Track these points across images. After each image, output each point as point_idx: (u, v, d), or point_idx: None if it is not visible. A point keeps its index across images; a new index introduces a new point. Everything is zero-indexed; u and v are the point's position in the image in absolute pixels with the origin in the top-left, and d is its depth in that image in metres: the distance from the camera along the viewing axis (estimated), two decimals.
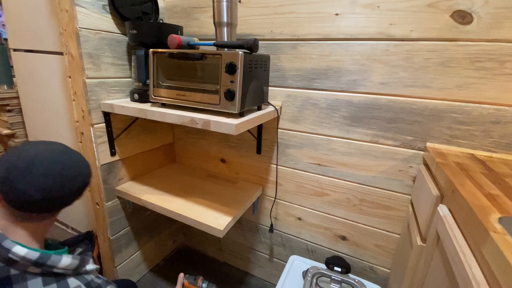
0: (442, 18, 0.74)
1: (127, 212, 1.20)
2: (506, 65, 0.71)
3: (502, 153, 0.77)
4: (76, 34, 0.87)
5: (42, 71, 1.24)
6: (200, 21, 1.11)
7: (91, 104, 0.95)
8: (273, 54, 1.00)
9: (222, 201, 1.03)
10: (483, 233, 0.39)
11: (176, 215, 0.95)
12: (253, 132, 1.14)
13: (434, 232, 0.59)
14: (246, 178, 1.23)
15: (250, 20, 1.00)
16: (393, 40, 0.81)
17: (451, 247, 0.48)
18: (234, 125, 0.72)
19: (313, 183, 1.08)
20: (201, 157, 1.33)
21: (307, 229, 1.16)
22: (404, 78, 0.83)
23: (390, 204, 0.96)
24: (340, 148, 0.98)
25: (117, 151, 1.08)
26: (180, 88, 0.84)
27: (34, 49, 1.23)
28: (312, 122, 1.00)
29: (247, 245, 1.36)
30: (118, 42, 1.00)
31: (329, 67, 0.92)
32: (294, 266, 1.06)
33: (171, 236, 1.51)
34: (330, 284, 0.94)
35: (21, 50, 1.30)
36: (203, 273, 1.40)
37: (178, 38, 0.83)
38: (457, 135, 0.81)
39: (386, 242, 1.01)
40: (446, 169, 0.63)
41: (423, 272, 0.64)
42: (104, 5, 0.93)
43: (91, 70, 0.93)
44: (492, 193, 0.50)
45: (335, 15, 0.87)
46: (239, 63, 0.72)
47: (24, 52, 1.29)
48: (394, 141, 0.89)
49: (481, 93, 0.75)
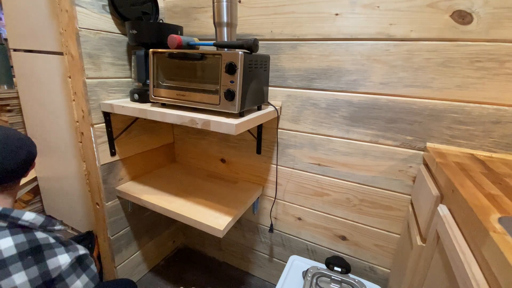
0: (442, 18, 0.74)
1: (127, 212, 1.20)
2: (506, 65, 0.71)
3: (502, 153, 0.77)
4: (76, 34, 0.87)
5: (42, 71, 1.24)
6: (200, 21, 1.11)
7: (91, 104, 0.95)
8: (273, 54, 1.00)
9: (222, 201, 1.03)
10: (483, 233, 0.39)
11: (176, 215, 0.95)
12: (253, 132, 1.14)
13: (434, 232, 0.59)
14: (246, 178, 1.23)
15: (250, 20, 1.00)
16: (393, 40, 0.81)
17: (451, 247, 0.48)
18: (234, 125, 0.72)
19: (313, 183, 1.08)
20: (201, 157, 1.33)
21: (307, 229, 1.16)
22: (404, 78, 0.83)
23: (390, 204, 0.96)
24: (340, 148, 0.99)
25: (117, 151, 1.08)
26: (180, 88, 0.84)
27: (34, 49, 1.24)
28: (312, 122, 1.01)
29: (247, 245, 1.36)
30: (118, 42, 1.01)
31: (329, 67, 0.92)
32: (294, 266, 1.06)
33: (171, 236, 1.51)
34: (330, 284, 0.94)
35: (21, 50, 1.30)
36: (203, 273, 1.40)
37: (178, 38, 0.83)
38: (457, 135, 0.81)
39: (386, 242, 1.01)
40: (446, 169, 0.63)
41: (423, 272, 0.64)
42: (104, 5, 0.93)
43: (91, 70, 0.93)
44: (492, 193, 0.50)
45: (335, 15, 0.87)
46: (239, 63, 0.72)
47: (24, 52, 1.29)
48: (394, 141, 0.89)
49: (481, 93, 0.75)
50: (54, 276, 0.63)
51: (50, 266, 0.63)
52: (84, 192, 1.33)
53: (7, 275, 0.56)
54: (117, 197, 1.13)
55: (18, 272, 0.57)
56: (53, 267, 0.63)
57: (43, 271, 0.61)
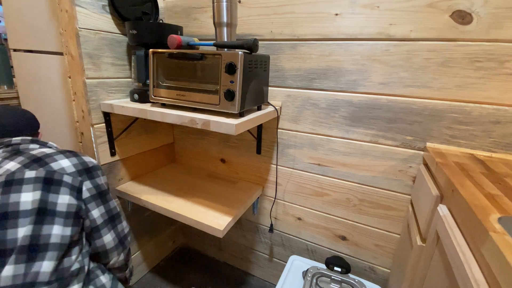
0: (441, 18, 0.74)
1: (127, 212, 1.20)
2: (505, 65, 0.71)
3: (502, 153, 0.77)
4: (76, 34, 0.87)
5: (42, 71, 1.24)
6: (200, 21, 1.11)
7: (91, 104, 0.95)
8: (273, 54, 1.00)
9: (222, 201, 1.03)
10: (483, 233, 0.39)
11: (176, 215, 0.95)
12: (253, 132, 1.14)
13: (434, 232, 0.59)
14: (246, 178, 1.23)
15: (250, 20, 1.00)
16: (393, 40, 0.81)
17: (451, 247, 0.48)
18: (234, 125, 0.72)
19: (313, 183, 1.08)
20: (201, 157, 1.33)
21: (307, 229, 1.16)
22: (404, 78, 0.83)
23: (390, 204, 0.96)
24: (340, 148, 0.99)
25: (117, 151, 1.08)
26: (180, 88, 0.84)
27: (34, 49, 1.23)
28: (312, 122, 1.01)
29: (247, 245, 1.36)
30: (118, 42, 1.01)
31: (329, 67, 0.92)
32: (294, 266, 1.06)
33: (171, 236, 1.51)
34: (330, 284, 0.94)
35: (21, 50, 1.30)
36: (203, 273, 1.40)
37: (178, 38, 0.83)
38: (456, 135, 0.81)
39: (386, 242, 1.01)
40: (446, 169, 0.63)
41: (423, 272, 0.64)
42: (104, 5, 0.93)
43: (91, 70, 0.93)
44: (491, 193, 0.50)
45: (334, 15, 0.87)
46: (239, 63, 0.72)
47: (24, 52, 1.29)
48: (394, 141, 0.89)
49: (480, 93, 0.75)
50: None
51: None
52: None
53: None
54: (117, 197, 1.13)
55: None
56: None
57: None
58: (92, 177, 0.72)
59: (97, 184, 0.73)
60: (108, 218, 0.75)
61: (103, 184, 0.75)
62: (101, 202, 0.73)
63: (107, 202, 0.75)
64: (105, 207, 0.74)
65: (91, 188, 0.71)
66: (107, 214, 0.75)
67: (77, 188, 0.67)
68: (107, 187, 0.77)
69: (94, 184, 0.72)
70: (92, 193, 0.71)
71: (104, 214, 0.73)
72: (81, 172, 0.70)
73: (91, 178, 0.72)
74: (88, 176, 0.71)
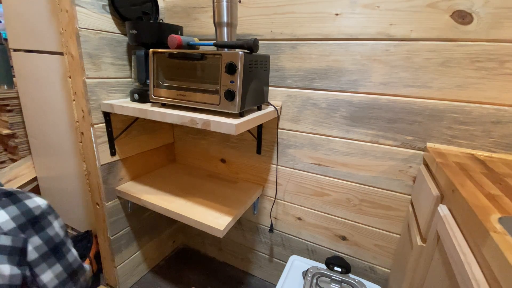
0: (442, 18, 0.74)
1: (127, 212, 1.20)
2: (506, 65, 0.71)
3: (502, 153, 0.77)
4: (76, 34, 0.87)
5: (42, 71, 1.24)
6: (200, 21, 1.11)
7: (91, 104, 0.95)
8: (273, 54, 1.00)
9: (222, 201, 1.03)
10: (483, 233, 0.39)
11: (176, 215, 0.95)
12: (253, 132, 1.14)
13: (434, 232, 0.59)
14: (246, 178, 1.23)
15: (250, 20, 1.00)
16: (393, 40, 0.81)
17: (451, 247, 0.48)
18: (234, 125, 0.72)
19: (313, 183, 1.08)
20: (201, 157, 1.33)
21: (307, 229, 1.16)
22: (404, 78, 0.83)
23: (390, 204, 0.96)
24: (340, 148, 0.99)
25: (117, 151, 1.08)
26: (180, 88, 0.84)
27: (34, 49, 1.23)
28: (312, 122, 1.00)
29: (247, 245, 1.36)
30: (118, 42, 1.01)
31: (329, 67, 0.92)
32: (294, 266, 1.06)
33: (171, 236, 1.51)
34: (330, 284, 0.94)
35: (21, 50, 1.30)
36: (203, 273, 1.40)
37: (178, 38, 0.83)
38: (457, 135, 0.81)
39: (386, 242, 1.01)
40: (446, 169, 0.63)
41: (423, 272, 0.64)
42: (104, 5, 0.93)
43: (91, 70, 0.93)
44: (492, 193, 0.50)
45: (335, 15, 0.87)
46: (239, 63, 0.72)
47: (24, 52, 1.29)
48: (394, 141, 0.89)
49: (481, 93, 0.75)
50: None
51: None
52: (84, 192, 1.33)
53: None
54: (117, 197, 1.13)
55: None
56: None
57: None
58: (41, 228, 0.53)
59: (49, 237, 0.55)
60: (67, 275, 0.57)
61: (57, 233, 0.57)
62: (55, 259, 0.55)
63: (64, 256, 0.57)
64: (62, 263, 0.57)
65: (40, 246, 0.52)
66: (66, 272, 0.57)
67: (19, 250, 0.49)
68: (64, 233, 0.59)
69: (44, 239, 0.53)
70: (41, 252, 0.53)
71: (60, 273, 0.56)
72: (24, 227, 0.51)
73: (39, 230, 0.53)
74: (35, 229, 0.52)
